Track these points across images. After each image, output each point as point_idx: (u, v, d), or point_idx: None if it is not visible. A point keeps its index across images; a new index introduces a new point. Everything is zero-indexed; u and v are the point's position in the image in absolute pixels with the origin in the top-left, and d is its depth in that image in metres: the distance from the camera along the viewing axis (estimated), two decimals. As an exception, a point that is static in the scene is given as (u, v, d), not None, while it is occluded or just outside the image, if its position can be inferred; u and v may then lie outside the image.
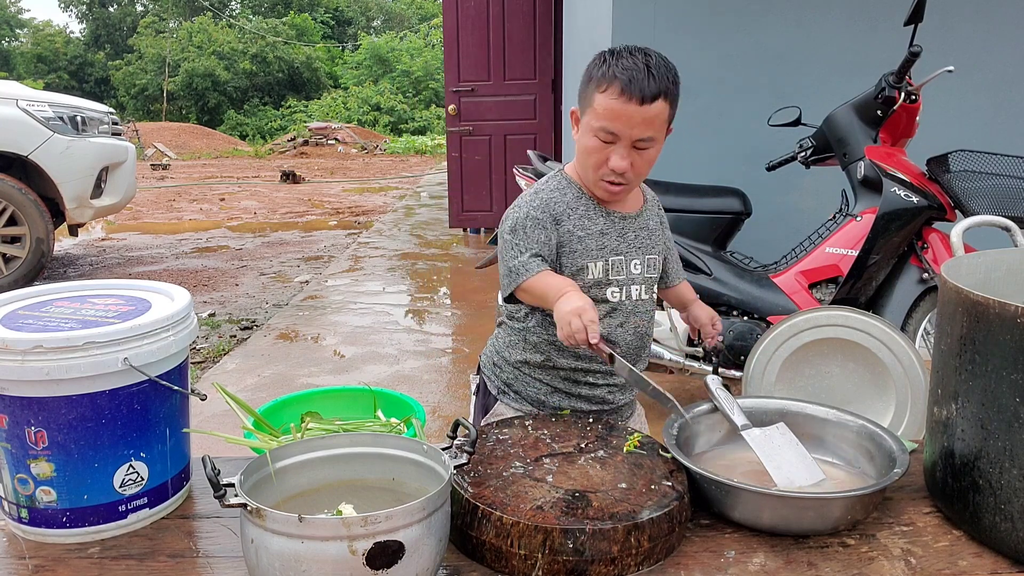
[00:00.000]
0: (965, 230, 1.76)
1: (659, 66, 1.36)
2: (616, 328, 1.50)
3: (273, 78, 34.22)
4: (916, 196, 2.58)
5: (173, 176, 15.33)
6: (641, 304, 1.53)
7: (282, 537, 0.86)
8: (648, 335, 1.57)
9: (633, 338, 1.52)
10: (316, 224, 9.04)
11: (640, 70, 1.34)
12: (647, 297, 1.54)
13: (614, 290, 1.49)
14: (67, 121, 5.66)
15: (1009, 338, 0.94)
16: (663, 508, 1.01)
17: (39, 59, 37.68)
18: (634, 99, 1.33)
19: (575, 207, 1.49)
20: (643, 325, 1.54)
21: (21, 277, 5.47)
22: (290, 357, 3.99)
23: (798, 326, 1.48)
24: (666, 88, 1.35)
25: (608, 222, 1.50)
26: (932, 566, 0.99)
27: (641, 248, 1.52)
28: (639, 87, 1.33)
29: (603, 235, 1.48)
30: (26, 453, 1.05)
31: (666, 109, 1.37)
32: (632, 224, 1.52)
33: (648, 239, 1.54)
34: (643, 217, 1.55)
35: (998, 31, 3.77)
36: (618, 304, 1.50)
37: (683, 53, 3.93)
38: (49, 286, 1.27)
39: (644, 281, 1.53)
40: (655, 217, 1.60)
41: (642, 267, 1.52)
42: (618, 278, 1.49)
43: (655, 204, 1.63)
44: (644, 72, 1.34)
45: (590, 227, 1.48)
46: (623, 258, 1.50)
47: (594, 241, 1.47)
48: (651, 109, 1.34)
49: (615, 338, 1.50)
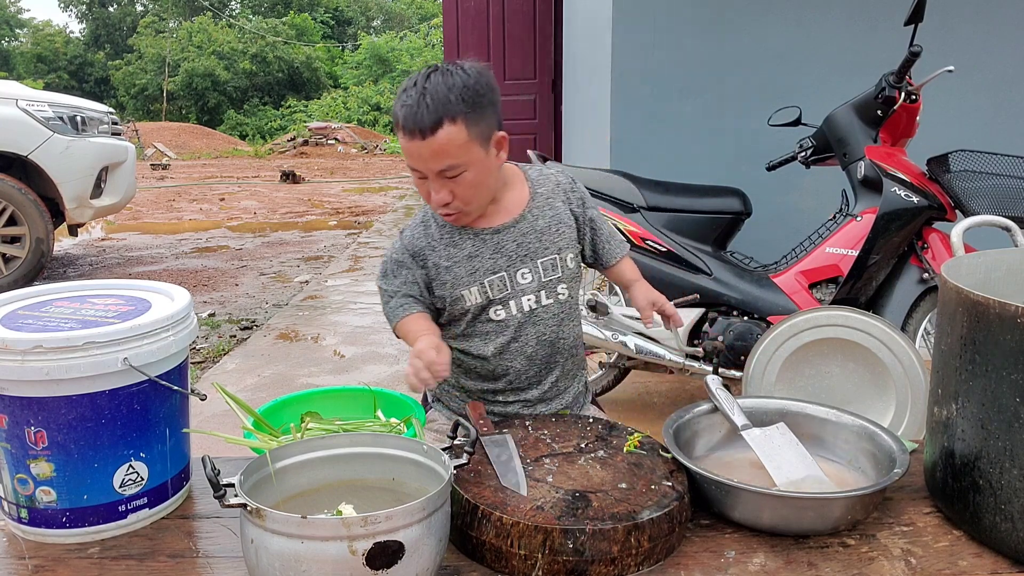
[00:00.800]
0: (965, 230, 1.76)
1: (436, 92, 1.28)
2: (509, 344, 1.47)
3: (273, 78, 34.22)
4: (916, 196, 2.58)
5: (173, 176, 15.32)
6: (541, 311, 1.47)
7: (282, 537, 0.86)
8: (563, 337, 1.51)
9: (536, 348, 1.48)
10: (316, 224, 9.03)
11: (413, 103, 1.28)
12: (549, 301, 1.48)
13: (497, 309, 1.45)
14: (67, 121, 5.66)
15: (1009, 338, 0.94)
16: (663, 508, 1.01)
17: (39, 59, 37.67)
18: (415, 134, 1.28)
19: (439, 237, 1.45)
20: (548, 331, 1.49)
21: (21, 277, 5.46)
22: (290, 357, 3.99)
23: (798, 326, 1.47)
24: (449, 112, 1.27)
25: (477, 243, 1.44)
26: (932, 566, 0.99)
27: (528, 254, 1.46)
28: (413, 121, 1.27)
29: (472, 259, 1.44)
30: (26, 453, 1.05)
31: (459, 131, 1.28)
32: (510, 234, 1.46)
33: (537, 241, 1.47)
34: (525, 221, 1.47)
35: (998, 31, 3.77)
36: (506, 321, 1.46)
37: (683, 53, 3.95)
38: (49, 286, 1.27)
39: (542, 287, 1.47)
40: (547, 211, 1.50)
41: (534, 274, 1.46)
42: (501, 296, 1.45)
43: (552, 194, 1.53)
44: (417, 104, 1.27)
45: (457, 254, 1.44)
46: (504, 274, 1.45)
47: (463, 268, 1.43)
48: (436, 140, 1.28)
49: (510, 356, 1.47)
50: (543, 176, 1.55)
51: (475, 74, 1.33)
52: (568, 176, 1.59)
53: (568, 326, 1.53)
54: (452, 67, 1.34)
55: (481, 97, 1.32)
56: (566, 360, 1.55)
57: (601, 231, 1.59)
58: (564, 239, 1.50)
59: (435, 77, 1.31)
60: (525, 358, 1.49)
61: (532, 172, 1.56)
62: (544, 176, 1.55)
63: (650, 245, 2.83)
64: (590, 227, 1.57)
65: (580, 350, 1.61)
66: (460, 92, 1.29)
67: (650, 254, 2.84)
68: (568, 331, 1.53)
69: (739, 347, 2.69)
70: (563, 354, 1.54)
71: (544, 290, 1.48)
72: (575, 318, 1.56)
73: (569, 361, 1.56)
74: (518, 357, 1.49)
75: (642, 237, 2.84)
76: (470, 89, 1.31)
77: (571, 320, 1.54)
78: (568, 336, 1.54)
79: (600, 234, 1.59)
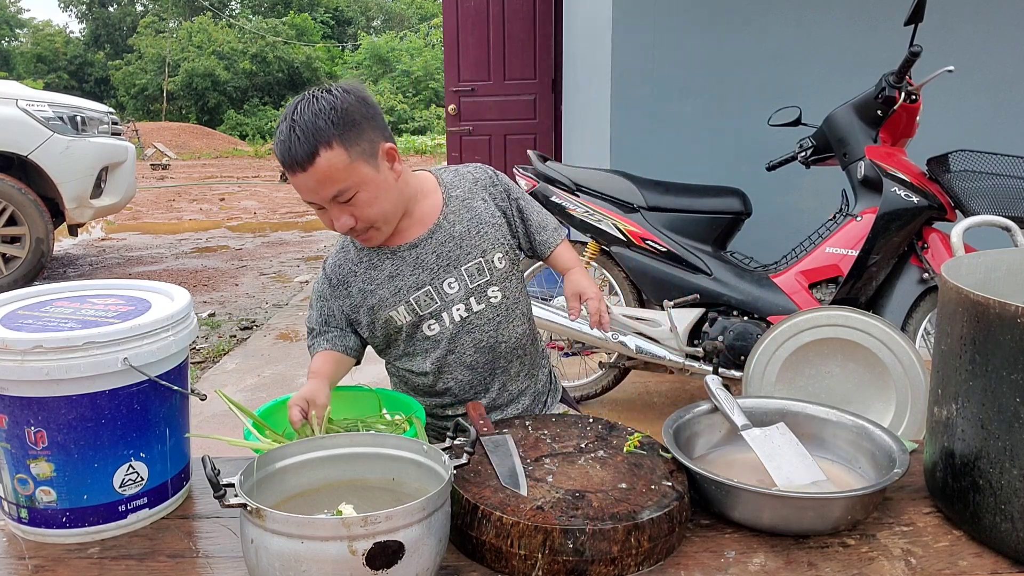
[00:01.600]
0: (965, 230, 1.76)
1: (304, 123, 1.24)
2: (447, 357, 1.45)
3: (273, 78, 34.21)
4: (916, 196, 2.58)
5: (173, 176, 15.32)
6: (474, 318, 1.44)
7: (282, 537, 0.86)
8: (503, 340, 1.47)
9: (475, 356, 1.46)
10: (316, 224, 9.02)
11: (286, 138, 1.26)
12: (481, 307, 1.45)
13: (430, 323, 1.44)
14: (67, 121, 5.66)
15: (1009, 338, 0.94)
16: (663, 508, 1.01)
17: (39, 59, 37.66)
18: (296, 168, 1.26)
19: (358, 262, 1.44)
20: (485, 337, 1.46)
21: (21, 277, 5.46)
22: (290, 357, 3.99)
23: (798, 326, 1.47)
24: (321, 138, 1.24)
25: (396, 261, 1.43)
26: (932, 566, 0.99)
27: (450, 263, 1.43)
28: (289, 155, 1.26)
29: (394, 278, 1.42)
30: (26, 453, 1.05)
31: (338, 154, 1.26)
32: (427, 245, 1.43)
33: (457, 248, 1.44)
34: (441, 229, 1.44)
35: (998, 31, 3.77)
36: (439, 334, 1.44)
37: (683, 53, 3.95)
38: (49, 286, 1.27)
39: (471, 293, 1.44)
40: (465, 214, 1.46)
41: (460, 281, 1.43)
42: (431, 310, 1.43)
43: (469, 195, 1.48)
44: (288, 138, 1.25)
45: (377, 276, 1.42)
46: (429, 288, 1.42)
47: (386, 289, 1.42)
48: (317, 169, 1.25)
49: (450, 368, 1.46)
50: (458, 177, 1.50)
51: (341, 94, 1.29)
52: (487, 171, 1.53)
53: (508, 328, 1.48)
54: (319, 92, 1.30)
55: (352, 116, 1.28)
56: (511, 363, 1.51)
57: (530, 221, 1.53)
58: (488, 240, 1.46)
59: (302, 106, 1.27)
60: (466, 368, 1.46)
61: (446, 175, 1.51)
62: (460, 176, 1.50)
63: (650, 245, 2.83)
64: (520, 218, 1.52)
65: (531, 349, 1.55)
66: (328, 116, 1.26)
67: (650, 254, 2.84)
68: (508, 333, 1.48)
69: (739, 347, 2.70)
70: (506, 358, 1.49)
71: (473, 296, 1.44)
72: (516, 319, 1.50)
73: (516, 363, 1.52)
74: (458, 368, 1.46)
75: (642, 237, 2.84)
76: (338, 111, 1.27)
77: (511, 322, 1.49)
78: (509, 339, 1.48)
79: (530, 225, 1.53)
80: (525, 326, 1.53)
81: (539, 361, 1.61)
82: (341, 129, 1.26)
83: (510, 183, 1.54)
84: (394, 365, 1.55)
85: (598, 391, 3.12)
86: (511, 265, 1.49)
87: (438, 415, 1.53)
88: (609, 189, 2.92)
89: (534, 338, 1.58)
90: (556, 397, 1.65)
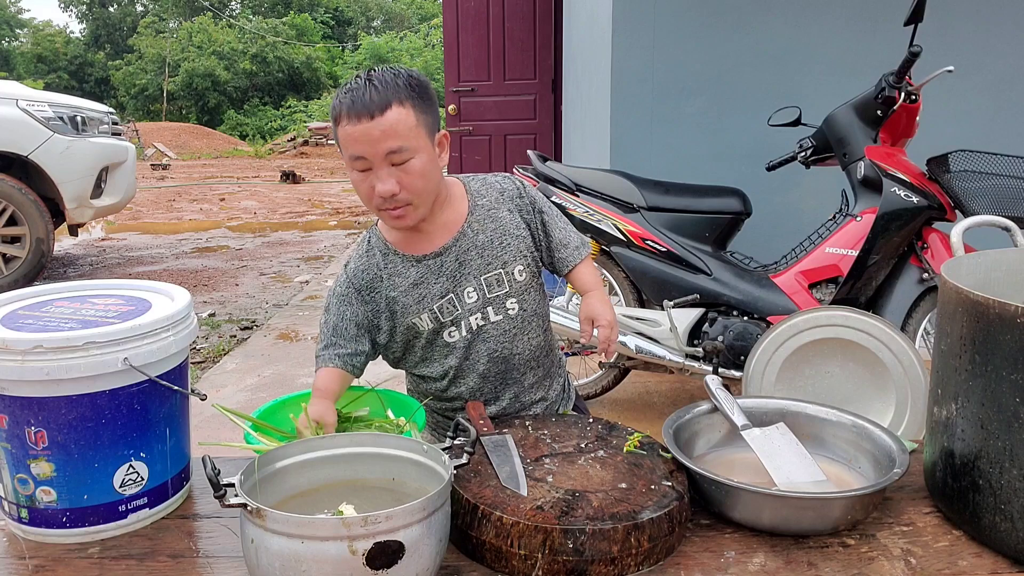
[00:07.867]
0: (965, 230, 1.76)
1: (383, 77, 1.30)
2: (461, 364, 1.45)
3: (273, 78, 34.19)
4: (916, 196, 2.58)
5: (173, 176, 15.32)
6: (491, 328, 1.44)
7: (282, 537, 0.86)
8: (518, 352, 1.47)
9: (488, 365, 1.46)
10: (316, 224, 9.03)
11: (361, 87, 1.29)
12: (499, 318, 1.44)
13: (451, 330, 1.44)
14: (67, 121, 5.65)
15: (1009, 338, 0.94)
16: (663, 508, 1.01)
17: (39, 59, 37.64)
18: (363, 116, 1.27)
19: (384, 266, 1.44)
20: (500, 348, 1.45)
21: (21, 277, 5.46)
22: (290, 357, 3.99)
23: (798, 326, 1.47)
24: (396, 95, 1.28)
25: (421, 268, 1.42)
26: (932, 566, 0.99)
27: (471, 272, 1.42)
28: (361, 103, 1.27)
29: (418, 286, 1.42)
30: (26, 453, 1.05)
31: (408, 114, 1.29)
32: (450, 253, 1.42)
33: (479, 257, 1.43)
34: (465, 237, 1.43)
35: (998, 31, 3.77)
36: (456, 343, 1.44)
37: (683, 53, 3.95)
38: (49, 286, 1.27)
39: (489, 303, 1.44)
40: (489, 224, 1.45)
41: (479, 291, 1.43)
42: (452, 317, 1.43)
43: (495, 205, 1.48)
44: (365, 87, 1.28)
45: (402, 283, 1.42)
46: (452, 296, 1.42)
47: (410, 296, 1.42)
48: (385, 120, 1.27)
49: (462, 375, 1.46)
50: (486, 186, 1.50)
51: (418, 72, 1.36)
52: (515, 182, 1.52)
53: (523, 340, 1.48)
54: (396, 66, 1.36)
55: (427, 90, 1.34)
56: (524, 375, 1.50)
57: (553, 237, 1.51)
58: (510, 251, 1.45)
59: (383, 69, 1.33)
60: (477, 376, 1.46)
61: (474, 183, 1.50)
62: (487, 185, 1.50)
63: (650, 245, 2.83)
64: (543, 232, 1.51)
65: (546, 361, 1.55)
66: (407, 80, 1.32)
67: (650, 254, 2.84)
68: (523, 345, 1.48)
69: (739, 347, 2.70)
70: (519, 369, 1.49)
71: (491, 307, 1.44)
72: (532, 330, 1.49)
73: (529, 375, 1.51)
74: (471, 376, 1.46)
75: (642, 237, 2.84)
76: (416, 79, 1.33)
77: (526, 334, 1.48)
78: (523, 351, 1.48)
79: (552, 240, 1.51)
80: (541, 338, 1.52)
81: (554, 372, 1.60)
82: (416, 94, 1.31)
83: (538, 195, 1.52)
84: (409, 371, 1.56)
85: (598, 391, 3.12)
86: (532, 278, 1.48)
87: (450, 417, 1.53)
88: (609, 189, 2.92)
89: (550, 349, 1.58)
90: (568, 406, 1.65)
